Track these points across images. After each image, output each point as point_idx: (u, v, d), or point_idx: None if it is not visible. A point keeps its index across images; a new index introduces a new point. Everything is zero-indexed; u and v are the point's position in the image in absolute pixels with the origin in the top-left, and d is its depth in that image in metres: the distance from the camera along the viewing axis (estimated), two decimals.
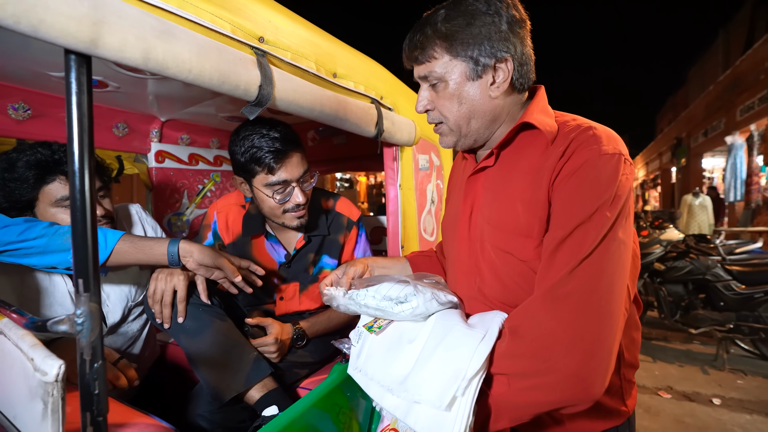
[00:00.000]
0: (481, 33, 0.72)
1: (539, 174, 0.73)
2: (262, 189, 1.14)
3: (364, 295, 0.82)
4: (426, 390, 0.66)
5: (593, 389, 0.62)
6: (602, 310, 0.64)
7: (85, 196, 0.55)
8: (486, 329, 0.70)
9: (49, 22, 0.48)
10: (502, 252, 0.78)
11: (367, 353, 0.80)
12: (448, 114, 0.79)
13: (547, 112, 0.79)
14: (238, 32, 0.76)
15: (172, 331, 1.03)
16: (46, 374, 0.57)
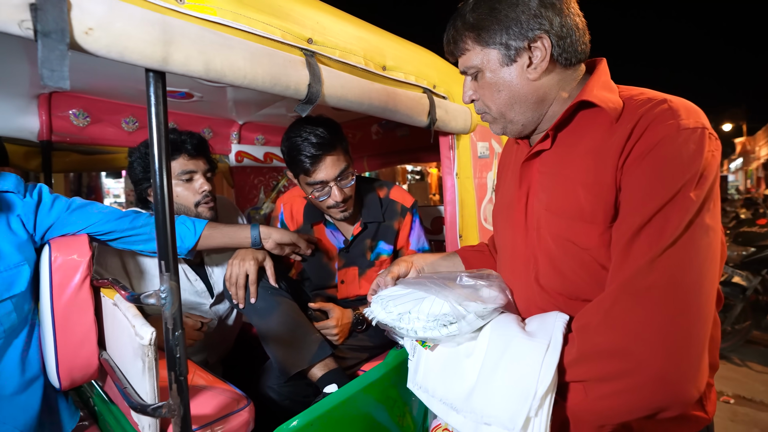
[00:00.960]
0: (507, 17, 0.69)
1: (603, 154, 0.66)
2: (305, 187, 1.24)
3: (408, 319, 0.78)
4: (495, 411, 0.63)
5: (686, 393, 0.56)
6: (691, 306, 0.56)
7: (164, 192, 0.65)
8: (549, 336, 0.65)
9: (132, 47, 0.58)
10: (562, 240, 0.73)
11: (424, 369, 0.78)
12: (489, 103, 0.78)
13: (610, 87, 0.72)
14: (288, 36, 0.82)
15: (246, 311, 1.16)
16: (143, 338, 0.69)
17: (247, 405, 0.86)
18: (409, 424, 1.14)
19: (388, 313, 0.80)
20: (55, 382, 0.93)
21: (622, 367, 0.58)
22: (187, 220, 1.16)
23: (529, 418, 0.60)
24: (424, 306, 0.77)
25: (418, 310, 0.77)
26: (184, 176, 1.27)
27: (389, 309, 0.81)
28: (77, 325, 0.93)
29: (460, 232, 1.42)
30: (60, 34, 0.52)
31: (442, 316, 0.74)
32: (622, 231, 0.63)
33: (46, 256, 0.92)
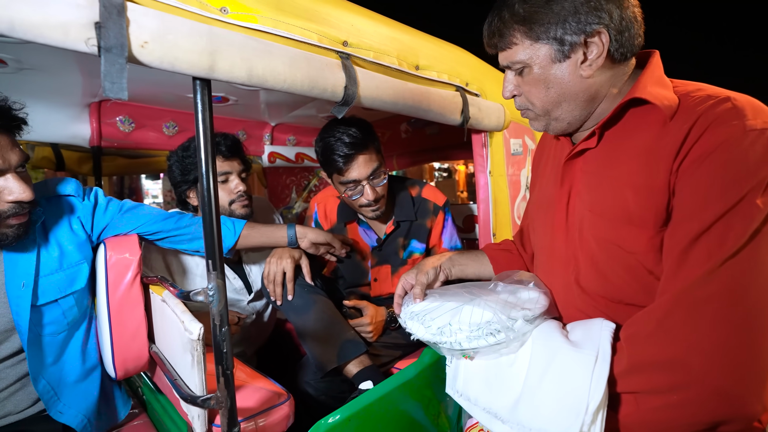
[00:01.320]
0: (564, 9, 0.64)
1: (655, 155, 0.63)
2: (338, 186, 1.26)
3: (449, 331, 0.76)
4: (543, 424, 0.62)
5: (749, 408, 0.54)
6: (753, 319, 0.54)
7: (211, 196, 0.68)
8: (596, 348, 0.63)
9: (182, 58, 0.61)
10: (606, 242, 0.70)
11: (464, 377, 0.77)
12: (535, 100, 0.74)
13: (664, 83, 0.67)
14: (324, 40, 0.84)
15: (283, 308, 1.20)
16: (192, 333, 0.73)
17: (287, 399, 0.89)
18: (444, 423, 1.14)
19: (427, 328, 0.79)
20: (111, 372, 1.00)
21: (677, 379, 0.56)
22: (227, 221, 1.20)
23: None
24: (464, 316, 0.76)
25: (459, 320, 0.76)
26: (220, 177, 1.32)
27: (427, 324, 0.80)
28: (129, 319, 0.99)
29: (493, 230, 1.40)
30: (120, 48, 0.55)
31: (485, 324, 0.73)
32: (677, 238, 0.60)
33: (102, 255, 0.98)
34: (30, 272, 0.90)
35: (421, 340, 0.82)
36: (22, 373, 0.94)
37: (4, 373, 0.92)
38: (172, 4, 0.63)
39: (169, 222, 1.12)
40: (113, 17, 0.55)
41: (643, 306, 0.66)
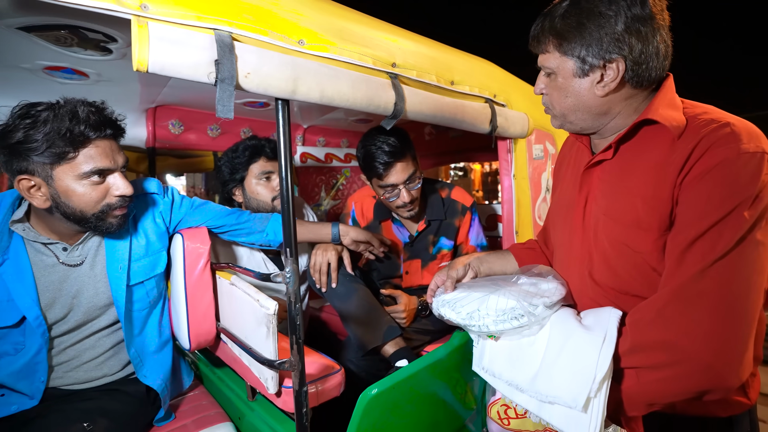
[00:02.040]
0: (591, 35, 0.73)
1: (663, 170, 0.72)
2: (377, 188, 1.40)
3: (478, 316, 0.86)
4: (558, 392, 0.72)
5: (729, 381, 0.64)
6: (737, 312, 0.64)
7: (289, 193, 0.83)
8: (604, 330, 0.74)
9: (273, 84, 0.76)
10: (618, 243, 0.80)
11: (489, 356, 0.87)
12: (555, 103, 0.85)
13: (675, 105, 0.76)
14: (378, 63, 0.98)
15: (328, 295, 1.35)
16: (269, 309, 0.89)
17: (339, 370, 1.04)
18: (471, 399, 1.28)
19: (457, 314, 0.90)
20: (186, 345, 1.16)
21: (671, 357, 0.67)
22: (278, 218, 1.35)
23: (589, 399, 0.70)
24: (491, 303, 0.86)
25: (486, 307, 0.86)
26: (264, 176, 1.48)
27: (458, 310, 0.91)
28: (201, 300, 1.16)
29: (516, 228, 1.52)
30: (230, 79, 0.70)
31: (510, 310, 0.83)
32: (677, 241, 0.70)
33: (180, 244, 1.15)
34: (125, 257, 1.07)
35: (453, 323, 0.93)
36: (115, 342, 1.12)
37: (102, 341, 1.09)
38: (264, 41, 0.78)
39: (231, 217, 1.28)
40: (226, 55, 0.70)
41: (646, 297, 0.76)
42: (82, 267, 1.05)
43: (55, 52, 1.13)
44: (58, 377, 1.06)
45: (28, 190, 0.92)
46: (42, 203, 0.93)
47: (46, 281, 1.00)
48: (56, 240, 1.01)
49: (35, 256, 1.00)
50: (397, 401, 1.06)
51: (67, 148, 0.90)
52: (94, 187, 0.95)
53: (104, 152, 0.95)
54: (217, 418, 1.19)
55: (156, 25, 0.64)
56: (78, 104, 0.94)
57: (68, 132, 0.89)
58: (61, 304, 1.02)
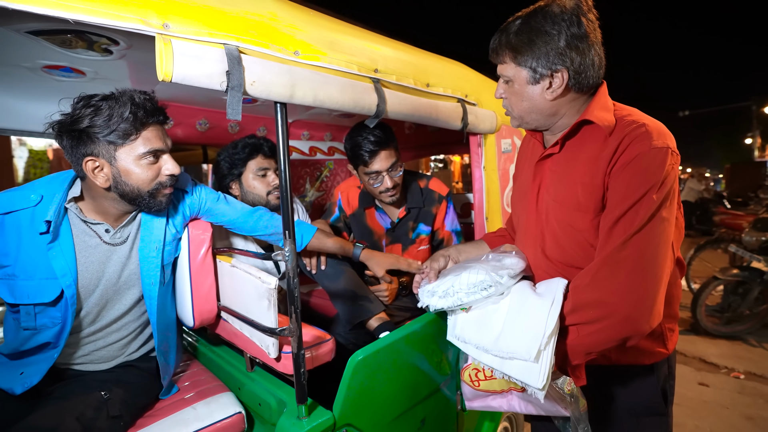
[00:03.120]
0: (540, 50, 0.87)
1: (597, 162, 0.88)
2: (363, 176, 1.55)
3: (452, 292, 1.00)
4: (516, 348, 0.86)
5: (643, 327, 0.82)
6: (649, 271, 0.81)
7: (288, 184, 0.96)
8: (552, 295, 0.89)
9: (274, 90, 0.89)
10: (564, 223, 0.96)
11: (461, 325, 1.00)
12: (513, 106, 0.99)
13: (607, 107, 0.91)
14: (362, 69, 1.11)
15: (318, 276, 1.49)
16: (270, 284, 1.02)
17: (331, 339, 1.19)
18: (445, 367, 1.45)
19: (434, 295, 1.03)
20: (190, 323, 1.28)
21: (601, 313, 0.84)
22: (300, 227, 1.46)
23: (540, 351, 0.85)
24: (463, 279, 1.00)
25: (459, 282, 1.00)
26: (260, 172, 1.59)
27: (434, 290, 1.04)
28: (204, 282, 1.28)
29: (486, 215, 1.70)
30: (239, 87, 0.83)
31: (479, 282, 0.97)
32: (606, 220, 0.86)
33: (186, 233, 1.26)
34: (160, 239, 1.17)
35: (437, 309, 1.04)
36: (138, 325, 1.23)
37: (128, 325, 1.20)
38: (266, 53, 0.90)
39: (250, 219, 1.36)
40: (236, 66, 0.82)
41: (582, 267, 0.93)
42: (123, 247, 1.15)
43: (57, 53, 1.21)
44: (84, 355, 1.16)
45: (93, 170, 1.02)
46: (104, 182, 1.04)
47: (87, 260, 1.10)
48: (101, 221, 1.12)
49: (78, 236, 1.10)
50: (380, 365, 1.22)
51: (130, 130, 1.01)
52: (150, 167, 1.06)
53: (158, 135, 1.07)
54: (218, 389, 1.31)
55: (178, 42, 0.76)
56: (134, 93, 1.06)
57: (131, 116, 1.00)
58: (97, 283, 1.12)
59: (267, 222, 1.38)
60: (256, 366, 1.35)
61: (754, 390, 2.81)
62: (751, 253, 3.64)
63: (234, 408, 1.22)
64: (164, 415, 1.17)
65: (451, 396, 1.51)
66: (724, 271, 3.62)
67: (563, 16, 0.86)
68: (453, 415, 1.52)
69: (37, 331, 1.07)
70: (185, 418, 1.16)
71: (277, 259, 0.99)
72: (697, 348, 3.49)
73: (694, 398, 2.72)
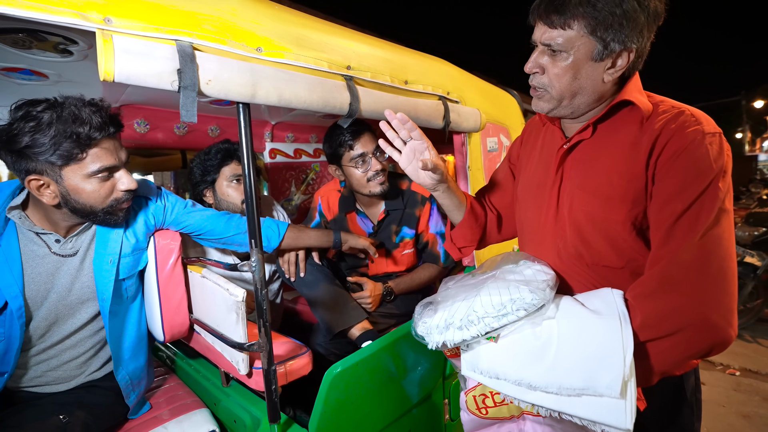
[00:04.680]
0: (624, 19, 0.74)
1: (636, 148, 0.79)
2: (349, 165, 1.49)
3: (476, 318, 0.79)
4: (588, 382, 0.70)
5: (728, 333, 0.70)
6: (726, 270, 0.72)
7: (252, 187, 0.90)
8: (617, 312, 0.74)
9: (233, 90, 0.82)
10: (592, 216, 0.85)
11: (488, 358, 0.81)
12: (557, 83, 0.81)
13: (642, 92, 0.84)
14: (333, 66, 1.05)
15: (296, 284, 1.43)
16: (237, 297, 0.96)
17: (307, 351, 1.13)
18: (432, 374, 1.40)
19: (449, 327, 0.81)
20: (160, 337, 1.22)
21: (680, 323, 0.71)
22: (272, 223, 1.38)
23: (625, 383, 0.68)
24: (484, 300, 0.80)
25: (480, 305, 0.79)
26: (234, 179, 1.53)
27: (448, 321, 0.82)
28: (174, 293, 1.21)
29: None
30: (192, 86, 0.77)
31: (510, 301, 0.78)
32: (664, 216, 0.75)
33: (152, 242, 1.19)
34: (116, 252, 1.10)
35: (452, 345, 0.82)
36: (95, 342, 1.15)
37: (83, 342, 1.13)
38: (224, 49, 0.84)
39: (219, 225, 1.29)
40: (188, 64, 0.76)
41: (613, 267, 0.84)
42: (74, 259, 1.08)
43: (12, 54, 1.14)
44: (37, 376, 1.08)
45: (38, 189, 0.95)
46: (51, 200, 0.96)
47: (34, 271, 1.03)
48: (50, 231, 1.05)
49: (26, 246, 1.02)
50: (360, 377, 1.16)
51: (75, 150, 0.92)
52: (102, 184, 0.99)
53: (109, 151, 0.99)
54: (193, 405, 1.25)
55: (120, 38, 0.70)
56: (79, 105, 0.95)
57: (74, 135, 0.91)
58: (45, 295, 1.05)
59: (239, 221, 1.32)
60: (232, 380, 1.29)
61: (750, 387, 2.78)
62: (743, 248, 3.62)
63: (207, 426, 1.15)
64: None
65: (439, 406, 1.45)
66: None
67: None
68: (441, 426, 1.46)
69: None
70: None
71: (243, 270, 0.93)
72: None
73: None
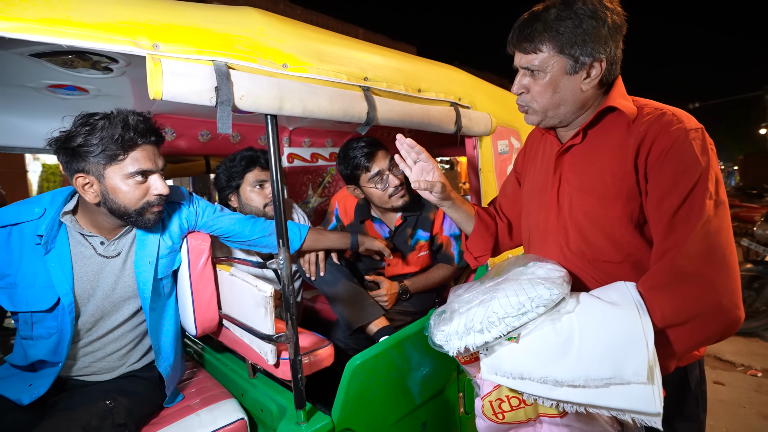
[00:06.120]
0: (586, 35, 0.83)
1: (624, 149, 0.85)
2: (367, 185, 1.56)
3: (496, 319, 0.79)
4: (615, 371, 0.72)
5: (738, 315, 0.75)
6: (728, 256, 0.76)
7: (279, 191, 0.98)
8: (634, 301, 0.78)
9: (263, 103, 0.91)
10: (591, 213, 0.91)
11: (511, 359, 0.80)
12: (539, 99, 0.91)
13: (626, 97, 0.90)
14: (351, 78, 1.13)
15: (317, 282, 1.51)
16: (266, 292, 1.04)
17: (329, 344, 1.21)
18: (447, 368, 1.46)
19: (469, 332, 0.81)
20: (192, 331, 1.31)
21: (694, 309, 0.76)
22: (295, 226, 1.48)
23: (651, 368, 0.70)
24: (502, 302, 0.80)
25: (498, 306, 0.80)
26: (257, 184, 1.61)
27: (468, 326, 0.81)
28: (205, 291, 1.31)
29: None
30: (228, 102, 0.85)
31: (528, 300, 0.79)
32: (662, 210, 0.81)
33: (185, 243, 1.29)
34: (154, 253, 1.21)
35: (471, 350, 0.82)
36: (136, 335, 1.26)
37: (125, 335, 1.23)
38: (254, 67, 0.93)
39: (245, 229, 1.38)
40: (224, 82, 0.85)
41: (613, 262, 0.90)
42: (116, 260, 1.19)
43: (60, 72, 1.26)
44: (85, 366, 1.19)
45: (83, 186, 1.06)
46: (93, 198, 1.08)
47: (82, 271, 1.14)
48: (96, 233, 1.16)
49: (75, 247, 1.14)
50: (378, 369, 1.23)
51: (118, 151, 1.04)
52: (137, 186, 1.09)
53: (148, 156, 1.10)
54: (222, 395, 1.34)
55: (167, 61, 0.79)
56: (129, 114, 1.09)
57: (120, 137, 1.04)
58: (92, 293, 1.16)
59: (263, 225, 1.41)
60: (258, 373, 1.37)
61: None
62: (764, 247, 3.56)
63: (237, 414, 1.24)
64: (168, 422, 1.19)
65: (454, 399, 1.51)
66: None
67: (605, 5, 0.84)
68: (455, 419, 1.52)
69: (34, 341, 1.11)
70: (189, 425, 1.18)
71: (272, 267, 1.01)
72: (712, 345, 3.42)
73: (710, 397, 2.61)
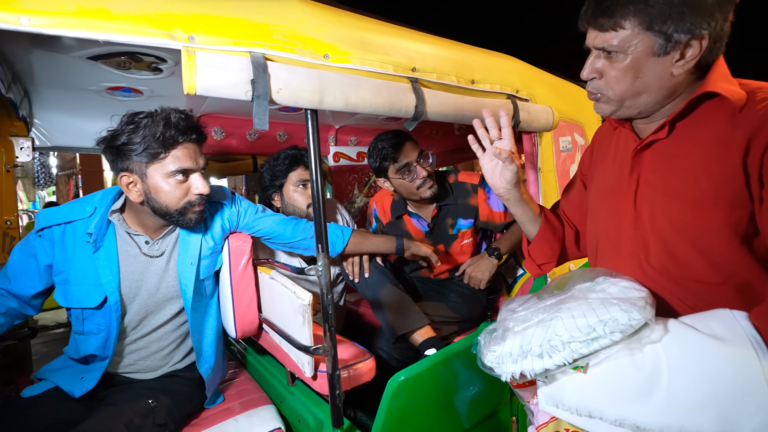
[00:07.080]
0: (685, 6, 0.65)
1: (728, 145, 0.69)
2: (395, 177, 1.52)
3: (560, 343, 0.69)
4: (737, 427, 0.60)
5: None
6: None
7: (320, 195, 0.91)
8: (746, 338, 0.63)
9: (302, 97, 0.84)
10: (679, 224, 0.75)
11: (575, 391, 0.71)
12: (615, 86, 0.75)
13: (731, 80, 0.72)
14: (398, 69, 1.03)
15: (360, 285, 1.44)
16: (304, 300, 0.98)
17: (371, 356, 1.12)
18: (498, 390, 1.32)
19: (526, 355, 0.72)
20: (233, 334, 1.29)
21: None
22: (336, 229, 1.42)
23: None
24: (567, 323, 0.70)
25: (562, 328, 0.70)
26: (301, 184, 1.57)
27: (525, 348, 0.72)
28: (245, 293, 1.28)
29: None
30: (265, 96, 0.79)
31: (599, 323, 0.67)
32: None
33: (227, 245, 1.27)
34: (196, 254, 1.20)
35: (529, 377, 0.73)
36: (178, 335, 1.25)
37: (167, 335, 1.23)
38: (293, 58, 0.86)
39: (286, 231, 1.34)
40: (261, 74, 0.79)
41: (709, 283, 0.73)
42: (160, 259, 1.19)
43: (116, 75, 1.29)
44: (130, 364, 1.20)
45: (127, 185, 1.07)
46: (136, 197, 1.08)
47: (128, 270, 1.15)
48: (141, 232, 1.17)
49: (122, 246, 1.16)
50: (423, 387, 1.13)
51: (159, 149, 1.04)
52: (178, 185, 1.08)
53: (188, 154, 1.08)
54: (261, 401, 1.30)
55: (201, 54, 0.74)
56: (171, 112, 1.08)
57: (161, 135, 1.03)
58: (137, 292, 1.17)
59: (305, 226, 1.36)
60: (297, 380, 1.32)
61: None
62: None
63: (274, 423, 1.19)
64: (207, 425, 1.17)
65: (506, 424, 1.37)
66: None
67: None
68: None
69: (85, 336, 1.14)
70: (227, 429, 1.15)
71: (311, 274, 0.94)
72: None
73: None
